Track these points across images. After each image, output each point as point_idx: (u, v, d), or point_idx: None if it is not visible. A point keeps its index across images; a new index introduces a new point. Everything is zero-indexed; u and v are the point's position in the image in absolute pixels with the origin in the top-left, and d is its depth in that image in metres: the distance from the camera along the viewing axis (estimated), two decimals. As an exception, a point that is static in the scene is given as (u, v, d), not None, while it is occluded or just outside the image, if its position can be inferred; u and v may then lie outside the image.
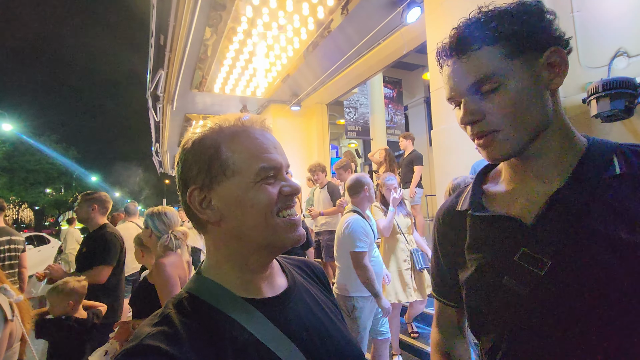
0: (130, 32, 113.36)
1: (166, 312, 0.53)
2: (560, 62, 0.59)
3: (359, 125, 8.01)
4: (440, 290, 0.81)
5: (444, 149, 3.38)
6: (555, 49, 0.59)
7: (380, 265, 2.59)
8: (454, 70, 0.62)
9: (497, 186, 0.70)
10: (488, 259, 0.64)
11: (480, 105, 0.60)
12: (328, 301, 0.72)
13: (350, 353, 0.64)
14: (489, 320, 0.64)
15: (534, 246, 0.58)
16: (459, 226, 0.72)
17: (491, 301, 0.63)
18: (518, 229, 0.61)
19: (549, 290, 0.56)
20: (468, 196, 0.72)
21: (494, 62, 0.58)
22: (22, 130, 21.88)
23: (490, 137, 0.60)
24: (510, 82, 0.58)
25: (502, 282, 0.60)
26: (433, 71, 3.50)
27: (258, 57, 5.03)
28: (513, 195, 0.65)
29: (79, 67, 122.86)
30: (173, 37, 4.34)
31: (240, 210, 0.56)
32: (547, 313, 0.56)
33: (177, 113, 7.16)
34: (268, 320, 0.56)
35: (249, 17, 4.02)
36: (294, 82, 6.10)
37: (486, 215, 0.66)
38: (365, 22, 4.23)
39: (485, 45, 0.59)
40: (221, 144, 0.57)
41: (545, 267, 0.56)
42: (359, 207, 2.57)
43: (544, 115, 0.59)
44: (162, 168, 14.24)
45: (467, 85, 0.60)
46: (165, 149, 10.60)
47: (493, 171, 0.74)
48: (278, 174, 0.59)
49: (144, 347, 0.46)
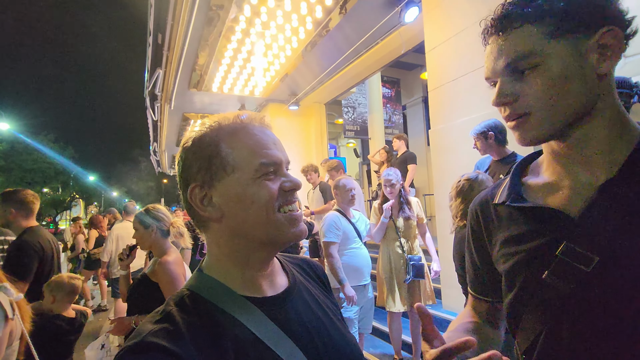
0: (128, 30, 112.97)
1: (168, 310, 0.53)
2: (613, 44, 0.53)
3: (357, 125, 8.01)
4: (475, 286, 0.78)
5: (441, 149, 3.39)
6: (610, 29, 0.53)
7: (361, 259, 2.80)
8: (493, 49, 0.59)
9: (538, 177, 0.65)
10: (528, 253, 0.61)
11: (514, 86, 0.57)
12: (328, 301, 0.72)
13: (349, 353, 0.64)
14: (527, 319, 0.61)
15: (580, 241, 0.54)
16: (495, 219, 0.69)
17: (530, 298, 0.60)
18: (561, 222, 0.57)
19: (595, 289, 0.52)
20: (506, 188, 0.68)
21: (533, 40, 0.54)
22: (19, 129, 21.78)
23: (523, 120, 0.58)
24: (550, 62, 0.54)
25: (543, 277, 0.57)
26: (431, 71, 3.51)
27: (256, 57, 5.03)
28: (556, 187, 0.61)
29: (76, 67, 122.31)
30: (171, 36, 4.34)
31: (241, 206, 0.57)
32: (592, 313, 0.53)
33: (175, 112, 7.15)
34: (268, 318, 0.56)
35: (247, 17, 4.02)
36: (292, 81, 6.09)
37: (526, 206, 0.62)
38: (364, 22, 4.23)
39: (527, 22, 0.55)
40: (220, 141, 0.58)
41: (591, 264, 0.52)
42: (340, 207, 2.87)
43: (584, 101, 0.55)
44: (160, 167, 14.21)
45: (504, 64, 0.57)
46: (163, 148, 10.58)
47: (534, 162, 0.70)
48: (278, 169, 0.59)
49: (146, 345, 0.47)
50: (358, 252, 2.78)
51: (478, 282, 0.76)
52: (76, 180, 29.63)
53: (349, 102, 7.90)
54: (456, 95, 3.19)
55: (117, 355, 0.46)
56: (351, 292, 2.57)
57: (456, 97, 3.19)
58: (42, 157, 24.14)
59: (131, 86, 78.09)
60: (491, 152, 2.45)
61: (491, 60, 0.60)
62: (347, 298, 2.57)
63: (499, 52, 0.58)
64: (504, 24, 0.57)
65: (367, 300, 2.80)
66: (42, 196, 26.19)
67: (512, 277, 0.63)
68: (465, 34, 3.14)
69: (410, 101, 9.16)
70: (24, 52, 78.38)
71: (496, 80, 0.60)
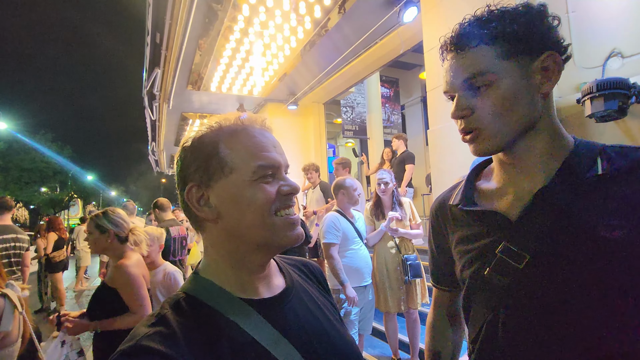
0: (127, 29, 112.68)
1: (163, 313, 0.53)
2: (553, 67, 0.60)
3: (356, 125, 8.02)
4: (435, 277, 0.87)
5: (440, 148, 3.39)
6: (551, 54, 0.60)
7: (361, 260, 2.78)
8: (452, 65, 0.64)
9: (489, 183, 0.72)
10: (474, 251, 0.67)
11: (471, 101, 0.62)
12: (326, 301, 0.72)
13: (348, 354, 0.64)
14: (474, 310, 0.68)
15: (515, 241, 0.61)
16: (451, 219, 0.76)
17: (476, 292, 0.67)
18: (503, 224, 0.64)
19: (527, 284, 0.59)
20: (460, 191, 0.75)
21: (488, 60, 0.60)
22: (16, 129, 21.71)
23: (477, 133, 0.63)
24: (502, 81, 0.60)
25: (485, 274, 0.64)
26: (430, 71, 3.51)
27: (255, 56, 5.02)
28: (502, 192, 0.68)
29: (75, 66, 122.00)
30: (169, 35, 4.32)
31: (238, 208, 0.56)
32: (524, 305, 0.59)
33: (174, 112, 7.13)
34: (266, 321, 0.56)
35: (246, 16, 4.01)
36: (291, 81, 6.09)
37: (474, 210, 0.69)
38: (362, 21, 4.22)
39: (482, 43, 0.61)
40: (220, 142, 0.57)
41: (523, 261, 0.59)
42: (340, 207, 2.85)
43: (530, 116, 0.61)
44: (158, 167, 14.17)
45: (461, 80, 0.62)
46: (161, 148, 10.55)
47: (487, 168, 0.76)
48: (276, 172, 0.59)
49: (140, 348, 0.46)
50: (358, 253, 2.77)
51: (440, 274, 0.85)
52: (74, 179, 29.54)
53: (347, 101, 7.90)
54: (455, 96, 3.19)
55: (110, 358, 0.46)
56: (352, 293, 2.57)
57: (455, 97, 3.19)
58: (40, 157, 24.06)
59: (129, 85, 77.98)
60: None
61: (450, 75, 0.65)
62: (349, 299, 2.56)
63: (457, 69, 0.63)
64: (462, 43, 0.63)
65: (368, 301, 2.80)
66: (40, 196, 26.13)
67: (463, 273, 0.71)
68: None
69: (409, 101, 9.18)
70: (22, 51, 78.02)
71: (454, 95, 0.65)
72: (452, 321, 0.88)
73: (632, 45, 2.11)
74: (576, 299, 0.55)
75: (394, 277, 2.83)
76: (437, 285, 0.88)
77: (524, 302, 0.59)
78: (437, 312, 0.89)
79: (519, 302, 0.60)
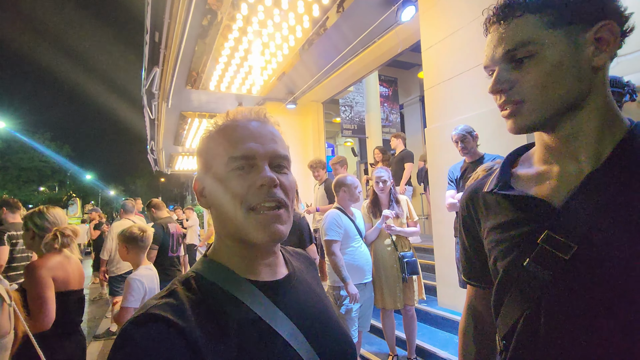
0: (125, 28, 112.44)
1: (173, 288, 0.55)
2: (609, 38, 0.54)
3: (355, 124, 8.03)
4: (468, 273, 0.79)
5: (437, 147, 3.41)
6: (608, 23, 0.54)
7: (362, 258, 2.77)
8: (494, 37, 0.60)
9: (529, 168, 0.67)
10: (511, 240, 0.62)
11: (510, 74, 0.58)
12: (322, 291, 0.75)
13: (343, 339, 0.66)
14: (508, 304, 0.62)
15: (560, 229, 0.55)
16: (484, 207, 0.70)
17: (512, 284, 0.61)
18: (544, 211, 0.58)
19: (573, 277, 0.54)
20: (495, 177, 0.70)
21: (533, 30, 0.55)
22: (15, 128, 21.65)
23: (516, 108, 0.58)
24: (547, 52, 0.55)
25: (524, 264, 0.58)
26: (427, 70, 3.53)
27: (253, 55, 5.03)
28: (544, 177, 0.62)
29: (73, 65, 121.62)
30: (168, 34, 4.33)
31: (216, 201, 0.60)
32: (569, 300, 0.54)
33: (173, 111, 7.13)
34: (270, 301, 0.58)
35: (244, 15, 4.02)
36: (290, 80, 6.10)
37: (512, 194, 0.63)
38: (361, 20, 4.24)
39: (528, 12, 0.56)
40: (211, 137, 0.62)
41: (570, 252, 0.54)
42: (341, 204, 2.86)
43: (577, 92, 0.56)
44: (157, 166, 14.13)
45: (502, 52, 0.58)
46: (160, 147, 10.53)
47: (525, 154, 0.71)
48: (253, 164, 0.58)
49: (150, 316, 0.48)
50: (359, 251, 2.77)
51: (472, 269, 0.78)
52: (73, 179, 29.50)
53: (346, 101, 7.92)
54: (452, 94, 3.21)
55: (121, 328, 0.48)
56: (354, 290, 2.56)
57: (452, 96, 3.21)
58: (38, 156, 24.00)
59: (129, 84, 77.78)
60: (472, 153, 2.58)
61: (491, 48, 0.61)
62: (351, 296, 2.56)
63: (499, 41, 0.59)
64: (506, 12, 0.58)
65: (367, 298, 2.80)
66: (38, 195, 26.06)
67: (497, 264, 0.65)
68: (461, 34, 3.16)
69: (408, 100, 9.19)
70: (20, 50, 77.88)
71: (494, 69, 0.61)
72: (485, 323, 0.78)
73: (627, 44, 2.12)
74: (629, 296, 0.49)
75: (391, 274, 2.85)
76: (469, 282, 0.80)
77: (570, 296, 0.54)
78: (468, 313, 0.81)
79: (563, 297, 0.54)
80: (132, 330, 0.47)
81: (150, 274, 2.08)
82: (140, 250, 2.10)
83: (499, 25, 0.59)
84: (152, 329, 0.46)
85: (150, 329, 0.46)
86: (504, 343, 0.63)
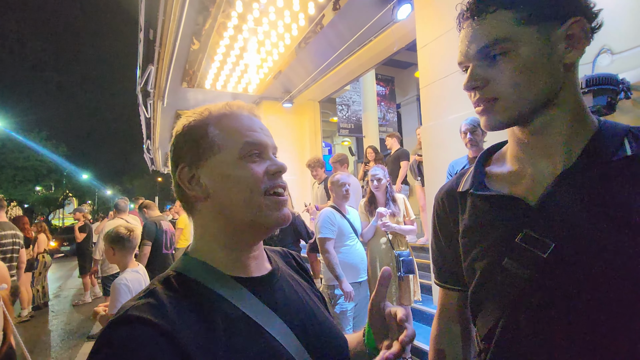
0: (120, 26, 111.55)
1: (152, 287, 0.53)
2: (579, 34, 0.55)
3: (352, 123, 8.03)
4: (442, 275, 0.77)
5: (433, 145, 3.40)
6: (578, 20, 0.54)
7: (356, 256, 2.78)
8: (467, 33, 0.60)
9: (502, 167, 0.67)
10: (489, 240, 0.62)
11: (485, 71, 0.58)
12: (309, 286, 0.74)
13: (333, 334, 0.65)
14: (487, 305, 0.61)
15: (537, 228, 0.55)
16: (460, 207, 0.70)
17: (490, 284, 0.61)
18: (521, 210, 0.58)
19: (552, 274, 0.54)
20: (470, 176, 0.69)
21: (506, 26, 0.55)
22: (10, 127, 21.52)
23: (490, 105, 0.58)
24: (522, 48, 0.55)
25: (503, 264, 0.58)
26: (422, 68, 3.51)
27: (249, 53, 5.00)
28: (518, 175, 0.62)
29: (68, 63, 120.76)
30: (162, 32, 4.29)
31: (226, 186, 0.58)
32: (549, 298, 0.54)
33: (168, 109, 7.09)
34: (256, 297, 0.57)
35: (239, 12, 4.00)
36: (286, 78, 6.07)
37: (488, 194, 0.63)
38: (357, 18, 4.22)
39: (502, 7, 0.56)
40: (209, 124, 0.60)
41: (547, 250, 0.54)
42: (335, 203, 2.87)
43: (550, 88, 0.56)
44: (154, 165, 14.08)
45: (477, 48, 0.58)
46: (156, 146, 10.48)
47: (498, 152, 0.71)
48: (263, 152, 0.61)
49: (129, 317, 0.46)
50: (353, 249, 2.78)
51: (447, 271, 0.76)
52: (69, 178, 29.35)
53: (343, 100, 7.91)
54: (447, 93, 3.20)
55: (101, 330, 0.47)
56: (349, 288, 2.57)
57: (447, 94, 3.20)
58: (34, 155, 23.86)
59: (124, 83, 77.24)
60: (478, 147, 2.53)
61: (465, 44, 0.61)
62: (345, 294, 2.57)
63: (473, 37, 0.59)
64: (480, 7, 0.58)
65: (363, 297, 2.79)
66: (34, 194, 25.92)
67: (474, 265, 0.64)
68: (456, 32, 3.15)
69: (405, 99, 9.19)
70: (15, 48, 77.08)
71: (468, 65, 0.61)
72: (463, 329, 0.75)
73: (622, 41, 2.12)
74: (607, 291, 0.50)
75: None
76: (444, 285, 0.76)
77: (550, 294, 0.54)
78: (443, 318, 0.77)
79: (543, 295, 0.54)
80: (112, 334, 0.45)
81: (137, 277, 2.00)
82: (127, 251, 2.03)
83: (472, 20, 0.59)
84: (132, 331, 0.45)
85: (130, 332, 0.45)
86: (484, 344, 0.63)
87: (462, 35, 0.61)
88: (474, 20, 0.59)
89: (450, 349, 0.75)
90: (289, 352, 0.54)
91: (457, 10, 0.62)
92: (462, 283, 0.72)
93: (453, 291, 0.75)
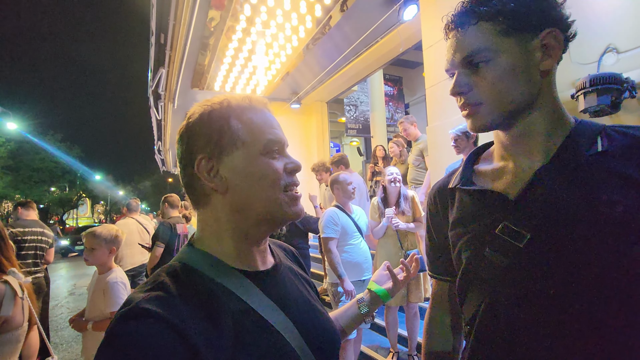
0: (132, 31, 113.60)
1: (159, 279, 0.52)
2: (554, 44, 0.60)
3: (360, 123, 8.04)
4: (434, 266, 0.83)
5: (439, 145, 3.41)
6: (551, 31, 0.59)
7: (360, 255, 2.82)
8: (452, 43, 0.65)
9: (488, 165, 0.72)
10: (473, 232, 0.67)
11: (469, 78, 0.63)
12: (306, 279, 0.77)
13: (330, 329, 0.68)
14: (471, 291, 0.67)
15: (515, 220, 0.60)
16: (449, 203, 0.75)
17: (474, 272, 0.66)
18: (501, 203, 0.63)
19: (527, 263, 0.58)
20: (459, 174, 0.75)
21: (487, 37, 0.60)
22: (26, 129, 22.06)
23: (475, 109, 0.63)
24: (501, 58, 0.60)
25: (484, 253, 0.63)
26: (429, 68, 3.53)
27: (257, 55, 5.08)
28: (501, 172, 0.67)
29: (83, 67, 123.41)
30: (173, 35, 4.40)
31: (248, 181, 0.59)
32: (525, 285, 0.58)
33: (179, 111, 7.21)
34: (260, 291, 0.58)
35: (248, 16, 4.07)
36: (294, 80, 6.14)
37: (473, 189, 0.69)
38: (363, 19, 4.25)
39: (482, 20, 0.61)
40: (231, 116, 0.60)
41: (524, 240, 0.58)
42: (339, 202, 2.90)
43: (529, 94, 0.61)
44: (164, 166, 14.32)
45: (461, 57, 0.63)
46: (167, 147, 10.67)
47: (486, 152, 0.76)
48: (281, 149, 0.63)
49: (140, 311, 0.45)
50: (357, 248, 2.81)
51: (439, 262, 0.82)
52: (83, 179, 29.97)
53: (350, 100, 7.93)
54: (453, 93, 3.21)
55: (110, 323, 0.46)
56: (350, 287, 2.60)
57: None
58: (49, 157, 24.43)
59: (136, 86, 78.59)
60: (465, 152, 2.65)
61: (451, 53, 0.66)
62: (346, 292, 2.60)
63: (457, 46, 0.64)
64: (463, 20, 0.63)
65: None
66: (49, 195, 26.55)
67: (461, 255, 0.69)
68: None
69: (413, 99, 9.17)
70: (32, 53, 79.02)
71: (454, 72, 0.66)
72: (453, 319, 0.81)
73: (627, 40, 2.11)
74: (577, 278, 0.54)
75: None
76: (436, 276, 0.83)
77: (525, 281, 0.58)
78: (436, 308, 0.84)
79: (520, 282, 0.59)
80: (123, 325, 0.45)
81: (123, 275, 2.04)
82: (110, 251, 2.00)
83: (457, 31, 0.64)
84: (143, 324, 0.44)
85: (140, 325, 0.44)
86: (468, 328, 0.68)
87: (449, 45, 0.67)
88: (458, 31, 0.64)
89: (441, 338, 0.82)
90: (292, 347, 0.55)
91: (442, 21, 0.68)
92: (453, 274, 0.77)
93: (444, 282, 0.82)
